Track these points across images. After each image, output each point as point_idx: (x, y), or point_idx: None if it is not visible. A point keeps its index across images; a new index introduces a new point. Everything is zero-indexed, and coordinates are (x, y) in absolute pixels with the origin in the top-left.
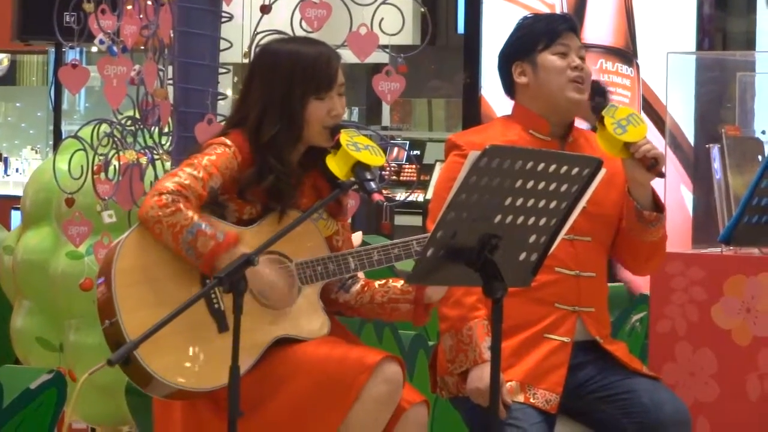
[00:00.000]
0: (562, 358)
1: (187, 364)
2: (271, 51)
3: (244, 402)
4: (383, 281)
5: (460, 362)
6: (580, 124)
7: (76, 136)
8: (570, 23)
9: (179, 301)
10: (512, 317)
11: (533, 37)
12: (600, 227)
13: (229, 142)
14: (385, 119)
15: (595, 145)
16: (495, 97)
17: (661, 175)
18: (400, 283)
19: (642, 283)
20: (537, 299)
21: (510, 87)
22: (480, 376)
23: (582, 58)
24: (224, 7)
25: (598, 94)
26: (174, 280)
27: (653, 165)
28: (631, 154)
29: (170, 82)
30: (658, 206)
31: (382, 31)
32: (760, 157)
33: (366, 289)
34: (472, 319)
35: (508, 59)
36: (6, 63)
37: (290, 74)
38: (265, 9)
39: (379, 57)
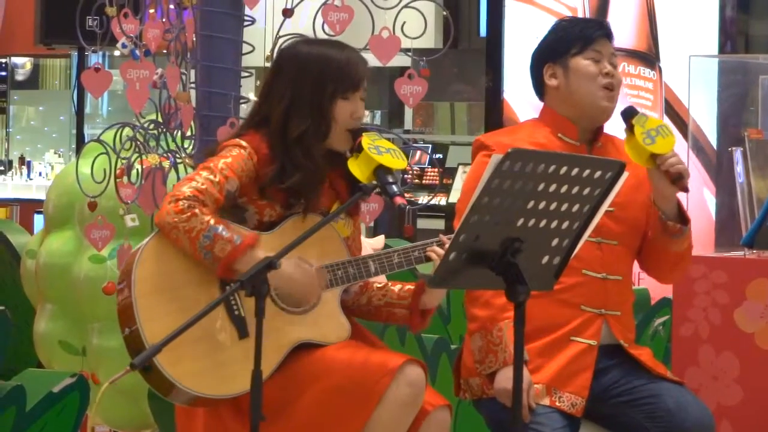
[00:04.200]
0: (588, 362)
1: (208, 371)
2: (299, 51)
3: (267, 407)
4: (382, 284)
5: (489, 363)
6: (609, 129)
7: (98, 140)
8: (605, 30)
9: (199, 308)
10: (538, 319)
11: (567, 40)
12: (627, 231)
13: (244, 143)
14: (408, 122)
15: (622, 151)
16: (517, 101)
17: (686, 189)
18: (398, 287)
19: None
20: (563, 301)
21: (540, 87)
22: (509, 377)
23: (614, 66)
24: (247, 11)
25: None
26: (194, 287)
27: (678, 179)
28: (657, 165)
29: (193, 85)
30: (683, 217)
31: (405, 35)
32: None
33: (364, 290)
34: (502, 320)
35: (540, 60)
36: (29, 67)
37: (321, 72)
38: (288, 13)
39: (402, 60)
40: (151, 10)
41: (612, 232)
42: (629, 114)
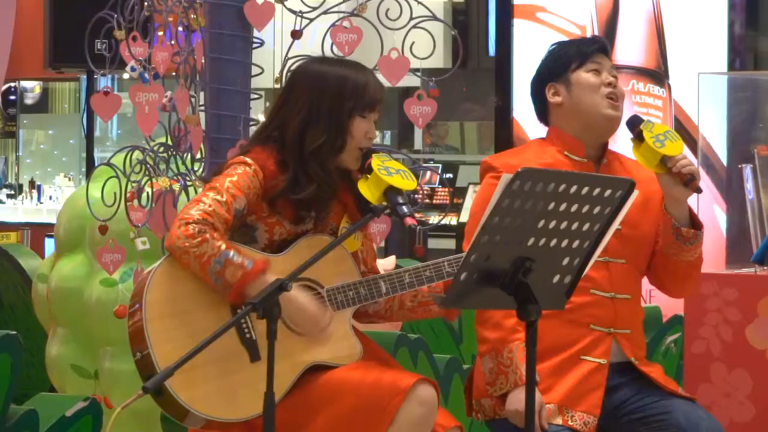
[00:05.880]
0: (599, 380)
1: (220, 395)
2: (316, 68)
3: (279, 429)
4: None
5: (500, 385)
6: (614, 146)
7: (108, 164)
8: (600, 44)
9: (210, 332)
10: (548, 339)
11: (565, 58)
12: (635, 250)
13: (249, 160)
14: (418, 142)
15: (629, 167)
16: (527, 119)
17: (698, 190)
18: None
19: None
20: (572, 321)
21: (544, 111)
22: (520, 399)
23: (614, 77)
24: (255, 33)
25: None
26: (204, 311)
27: (690, 180)
28: (668, 169)
29: (202, 108)
30: (695, 224)
31: (413, 55)
32: None
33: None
34: (512, 342)
35: (541, 83)
36: (38, 91)
37: (341, 88)
38: (296, 34)
39: (411, 81)
40: (160, 33)
41: (620, 251)
42: (636, 122)
